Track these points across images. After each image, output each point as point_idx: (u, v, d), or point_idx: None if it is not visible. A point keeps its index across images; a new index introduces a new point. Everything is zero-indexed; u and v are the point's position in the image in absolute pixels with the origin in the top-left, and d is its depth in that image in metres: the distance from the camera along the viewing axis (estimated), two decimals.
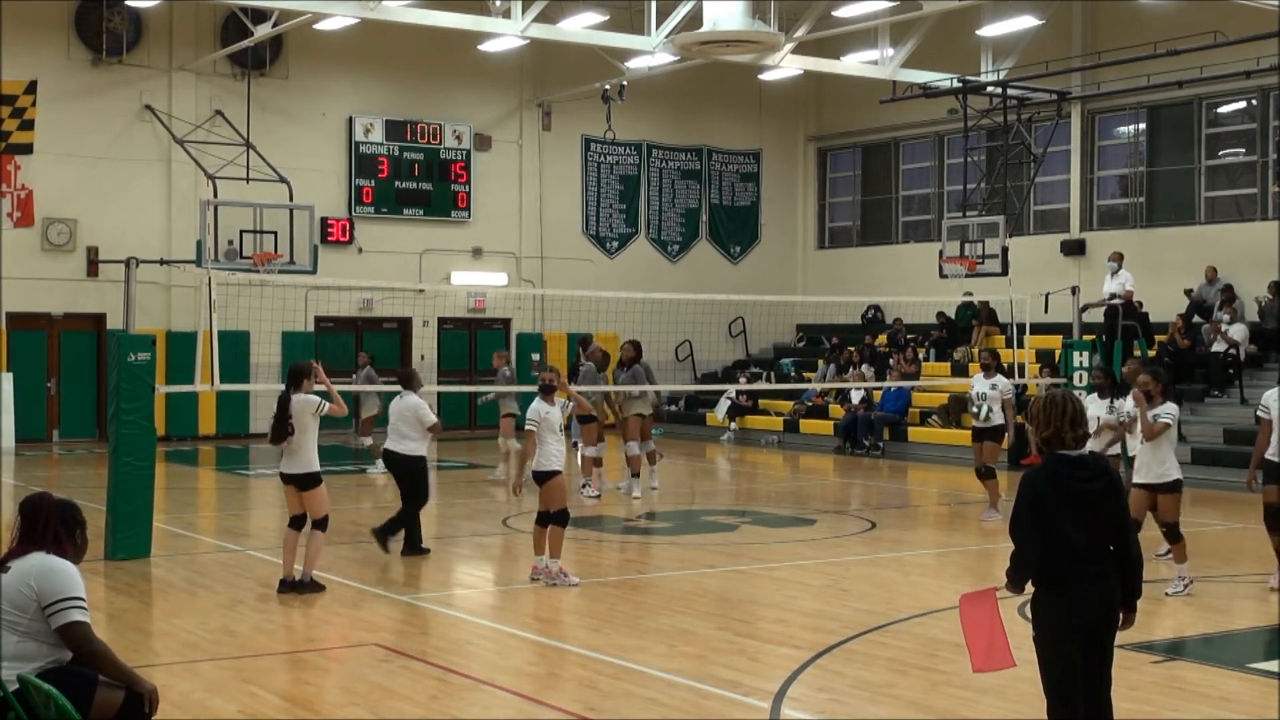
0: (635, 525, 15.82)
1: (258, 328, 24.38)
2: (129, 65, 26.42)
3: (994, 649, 6.25)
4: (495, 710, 7.97)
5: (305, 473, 11.28)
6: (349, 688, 8.35)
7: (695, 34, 21.53)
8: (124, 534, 12.92)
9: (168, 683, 8.26)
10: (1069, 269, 26.79)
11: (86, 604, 5.82)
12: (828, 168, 34.02)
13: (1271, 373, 22.96)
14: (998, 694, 7.95)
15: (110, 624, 10.13)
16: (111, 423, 13.24)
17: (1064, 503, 5.89)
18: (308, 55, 27.82)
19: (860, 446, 25.23)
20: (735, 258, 33.20)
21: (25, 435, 24.57)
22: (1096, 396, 15.41)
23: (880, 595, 11.54)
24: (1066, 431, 6.02)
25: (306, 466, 11.27)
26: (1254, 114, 25.66)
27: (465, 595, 11.90)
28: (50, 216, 25.41)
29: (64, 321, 26.18)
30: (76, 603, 5.76)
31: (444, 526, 16.00)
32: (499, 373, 20.06)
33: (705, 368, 31.22)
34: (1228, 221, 25.87)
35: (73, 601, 5.75)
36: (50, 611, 5.72)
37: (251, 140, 25.90)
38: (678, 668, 8.73)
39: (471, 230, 29.78)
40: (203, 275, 17.07)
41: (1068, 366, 19.42)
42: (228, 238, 22.60)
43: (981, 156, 27.83)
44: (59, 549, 5.90)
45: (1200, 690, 8.42)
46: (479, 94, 29.76)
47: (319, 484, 11.36)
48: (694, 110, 32.09)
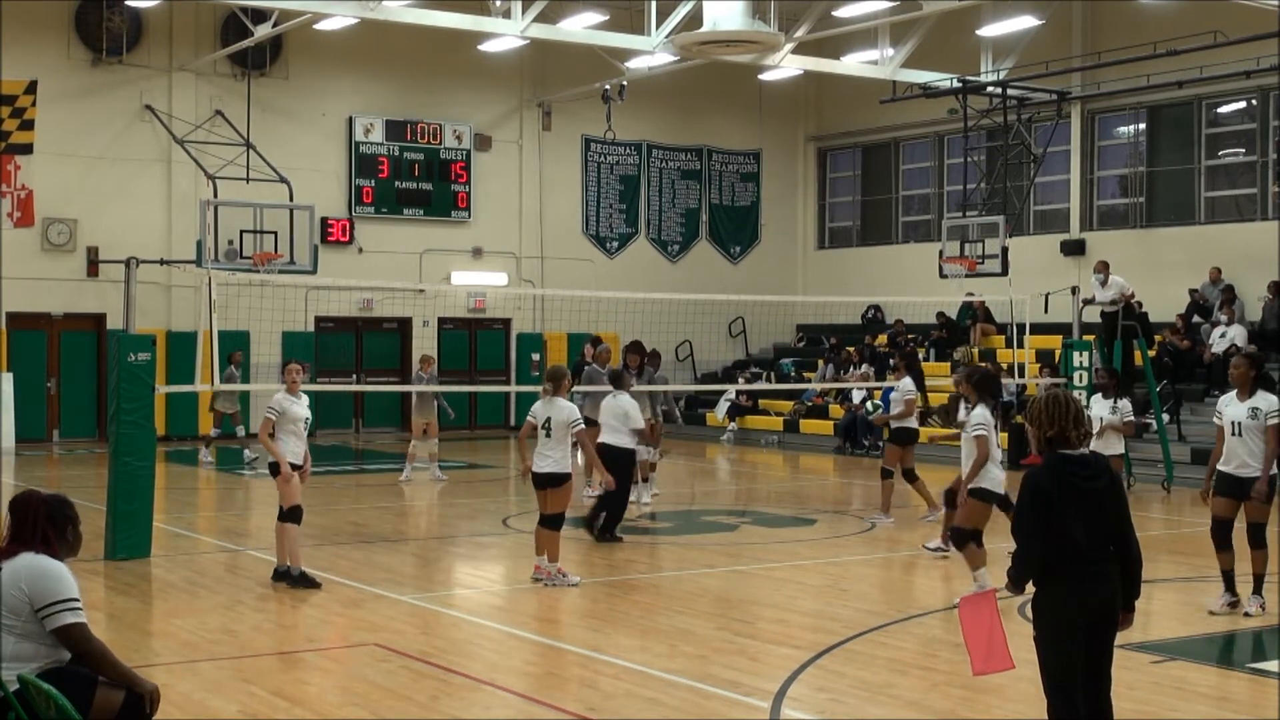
0: (635, 525, 15.81)
1: (258, 328, 24.38)
2: (129, 65, 26.42)
3: (993, 651, 6.26)
4: (495, 710, 7.97)
5: (270, 462, 11.73)
6: (349, 688, 8.35)
7: (695, 34, 21.53)
8: (124, 534, 12.91)
9: (168, 683, 8.25)
10: (1069, 269, 26.79)
11: (80, 604, 5.77)
12: (828, 168, 34.02)
13: (1271, 373, 22.96)
14: (998, 694, 7.95)
15: (110, 624, 10.12)
16: (111, 423, 13.24)
17: (1068, 502, 5.90)
18: (308, 55, 27.82)
19: (860, 446, 25.23)
20: (735, 258, 33.20)
21: (25, 435, 24.57)
22: (1100, 397, 15.41)
23: (880, 595, 11.54)
24: (1071, 430, 6.03)
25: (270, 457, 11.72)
26: (1254, 114, 25.67)
27: (465, 595, 11.90)
28: (50, 216, 25.41)
29: (64, 321, 26.18)
30: (69, 604, 5.71)
31: (444, 526, 16.02)
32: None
33: (705, 368, 31.23)
34: (1228, 221, 25.87)
35: (65, 604, 5.71)
36: (43, 615, 5.69)
37: (251, 140, 25.90)
38: (678, 668, 8.73)
39: (471, 230, 29.79)
40: (203, 275, 17.08)
41: (1068, 366, 19.43)
42: (228, 238, 22.58)
43: (981, 156, 27.83)
44: (48, 548, 5.82)
45: (1200, 690, 8.42)
46: (479, 94, 29.76)
47: (277, 474, 11.56)
48: (694, 110, 32.09)
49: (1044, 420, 6.06)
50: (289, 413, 11.55)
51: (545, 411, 11.60)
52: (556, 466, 11.52)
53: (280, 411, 11.55)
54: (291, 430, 11.55)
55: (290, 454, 11.49)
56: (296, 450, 11.55)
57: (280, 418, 11.54)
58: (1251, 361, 10.42)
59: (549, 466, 11.54)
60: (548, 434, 11.54)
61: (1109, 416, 15.08)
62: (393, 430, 28.43)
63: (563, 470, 11.54)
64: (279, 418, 11.54)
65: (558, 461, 11.52)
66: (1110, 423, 15.04)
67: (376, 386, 27.40)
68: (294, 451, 11.53)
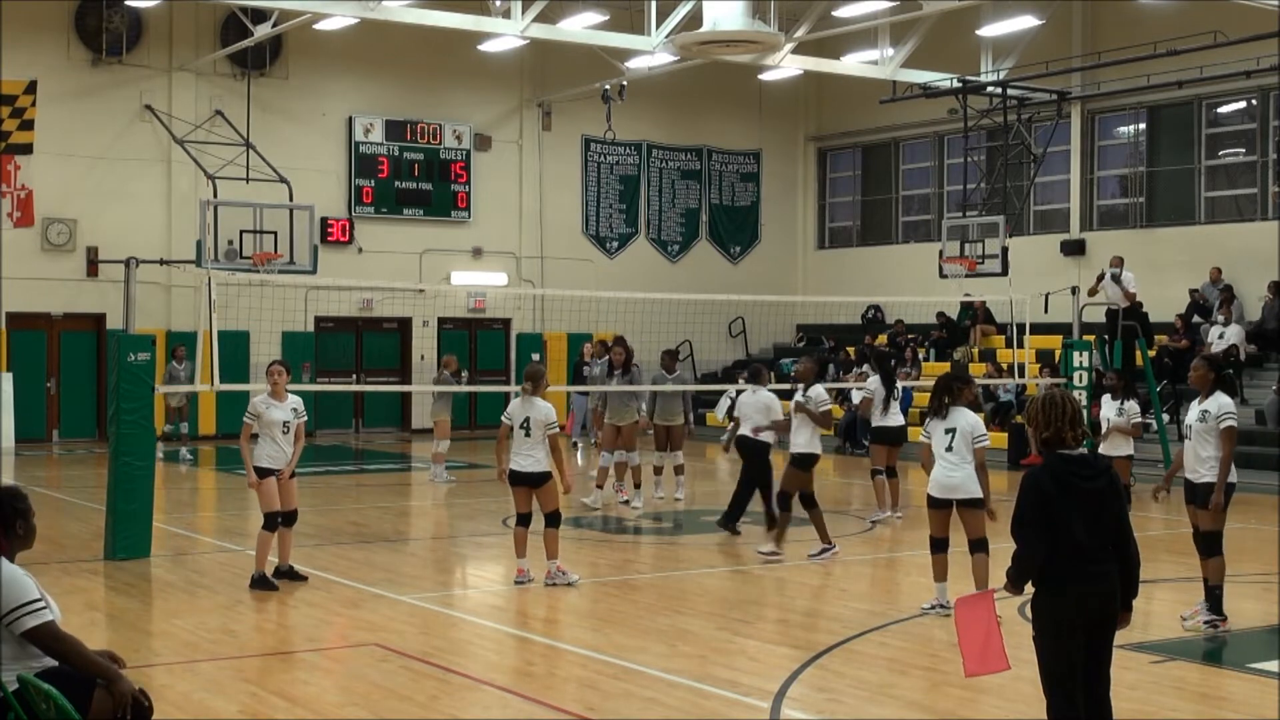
0: (635, 525, 15.81)
1: (258, 328, 24.37)
2: (129, 65, 26.41)
3: (989, 652, 6.26)
4: (495, 710, 7.97)
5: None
6: (349, 688, 8.35)
7: (695, 34, 21.52)
8: (124, 534, 12.91)
9: (167, 683, 8.26)
10: (1069, 269, 26.79)
11: (40, 602, 5.65)
12: (828, 168, 34.01)
13: (1271, 373, 22.99)
14: (998, 694, 7.95)
15: (110, 624, 10.12)
16: (111, 423, 13.24)
17: (1069, 501, 5.91)
18: (308, 55, 27.82)
19: (860, 446, 25.21)
20: (735, 258, 33.19)
21: (25, 435, 24.56)
22: (1108, 398, 15.36)
23: (880, 595, 11.53)
24: (1067, 431, 6.04)
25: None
26: (1254, 114, 25.67)
27: (465, 595, 11.90)
28: (50, 216, 25.41)
29: (64, 321, 26.18)
30: (28, 608, 5.61)
31: (444, 526, 16.02)
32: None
33: (705, 368, 31.21)
34: (1228, 221, 25.87)
35: (24, 608, 5.61)
36: (7, 623, 5.60)
37: (251, 140, 25.90)
38: (678, 668, 8.73)
39: (471, 230, 29.78)
40: (203, 275, 17.06)
41: (1068, 366, 19.43)
42: (228, 238, 22.57)
43: (981, 156, 27.83)
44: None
45: (1200, 690, 8.42)
46: (479, 94, 29.76)
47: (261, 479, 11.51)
48: (694, 110, 32.09)
49: (1040, 422, 6.08)
50: (264, 417, 11.46)
51: (524, 411, 11.43)
52: (537, 466, 11.41)
53: (256, 415, 11.49)
54: (269, 435, 11.44)
55: (268, 459, 11.38)
56: (275, 455, 11.40)
57: (257, 421, 11.49)
58: (1210, 364, 10.26)
59: (531, 466, 11.40)
60: (526, 433, 11.39)
61: (1115, 419, 15.05)
62: (392, 430, 28.43)
63: (543, 469, 11.46)
64: (256, 422, 11.49)
65: (539, 460, 11.41)
66: (1117, 425, 15.01)
67: (376, 386, 27.40)
68: (271, 456, 11.39)
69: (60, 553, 13.17)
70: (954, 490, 10.36)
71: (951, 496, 10.38)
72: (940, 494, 10.41)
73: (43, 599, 5.72)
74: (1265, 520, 15.78)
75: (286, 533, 11.64)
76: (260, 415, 11.47)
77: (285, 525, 11.58)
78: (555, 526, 11.62)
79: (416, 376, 27.98)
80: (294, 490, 11.68)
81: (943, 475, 10.35)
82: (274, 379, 11.59)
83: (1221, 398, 9.95)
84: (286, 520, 11.58)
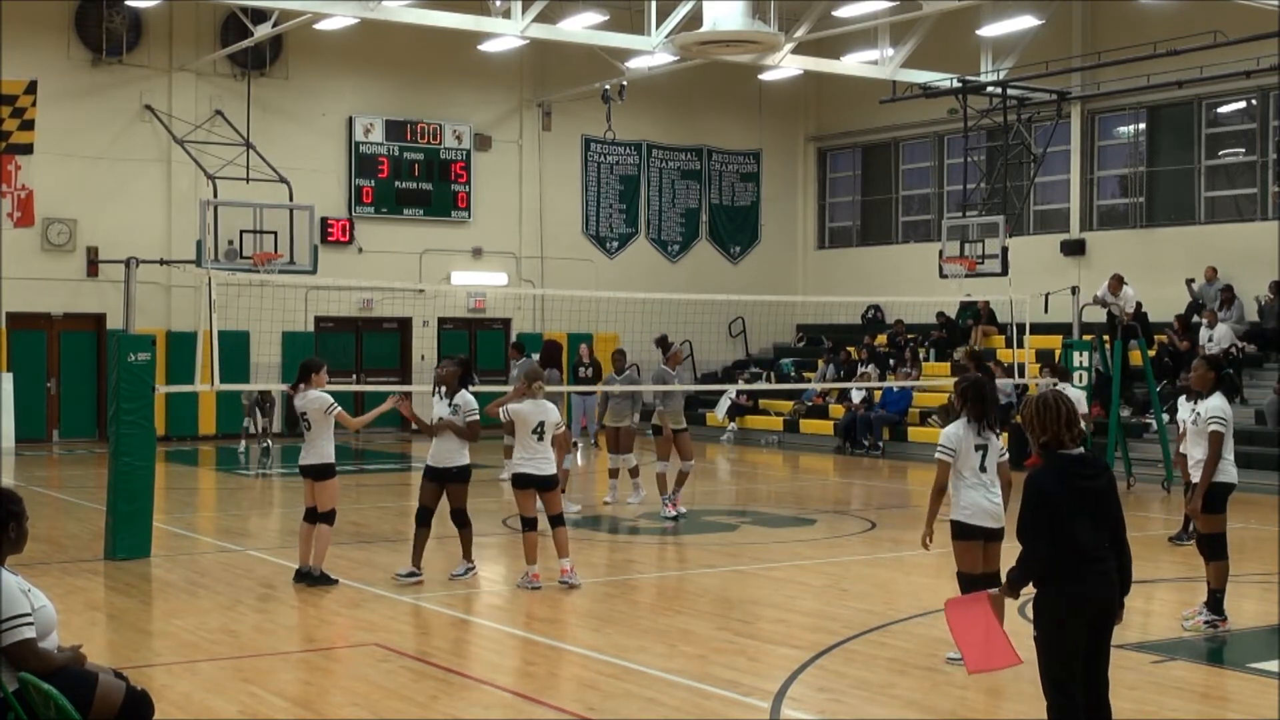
0: (635, 525, 15.82)
1: (258, 328, 24.37)
2: (129, 65, 26.41)
3: (993, 649, 6.26)
4: (495, 710, 7.97)
5: (318, 464, 11.70)
6: (349, 688, 8.35)
7: (695, 34, 21.53)
8: (124, 534, 12.91)
9: (167, 683, 8.27)
10: (1069, 269, 26.80)
11: (23, 618, 5.60)
12: (828, 168, 34.01)
13: (1271, 372, 22.98)
14: (998, 694, 7.96)
15: (110, 624, 10.13)
16: (111, 423, 13.24)
17: (1072, 501, 5.92)
18: (308, 55, 27.82)
19: (860, 446, 25.24)
20: (735, 258, 33.19)
21: (25, 435, 24.55)
22: (1184, 399, 14.51)
23: (880, 595, 11.54)
24: (1064, 433, 6.05)
25: (320, 459, 11.71)
26: (1254, 114, 25.67)
27: (465, 595, 11.90)
28: (50, 216, 25.40)
29: (64, 321, 26.18)
30: (12, 623, 5.57)
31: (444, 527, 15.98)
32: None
33: (705, 368, 31.21)
34: (1228, 221, 25.87)
35: (9, 623, 5.56)
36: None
37: (251, 140, 25.90)
38: (678, 668, 8.73)
39: (471, 230, 29.78)
40: (203, 275, 17.07)
41: (1068, 366, 19.41)
42: (228, 238, 22.59)
43: (981, 156, 27.83)
44: None
45: (1200, 690, 8.42)
46: (479, 94, 29.76)
47: (330, 477, 11.69)
48: (694, 110, 32.09)
49: (1035, 426, 6.08)
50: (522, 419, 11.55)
51: (538, 415, 11.31)
52: (548, 469, 11.41)
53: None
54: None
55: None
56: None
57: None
58: (1210, 364, 10.23)
59: (543, 469, 11.36)
60: (539, 437, 11.30)
61: (1189, 423, 12.94)
62: (392, 430, 28.42)
63: (553, 473, 11.47)
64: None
65: (550, 464, 11.42)
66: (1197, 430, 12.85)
67: (377, 386, 27.34)
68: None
69: (61, 553, 13.18)
70: (1000, 519, 8.85)
71: (997, 525, 8.84)
72: (985, 522, 8.81)
73: (30, 613, 5.65)
74: (1265, 520, 15.78)
75: (312, 529, 11.70)
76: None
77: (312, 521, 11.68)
78: (563, 525, 11.62)
79: (416, 376, 27.97)
80: (329, 490, 11.71)
81: (985, 500, 8.82)
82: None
83: (1214, 400, 9.90)
84: (324, 518, 11.65)
